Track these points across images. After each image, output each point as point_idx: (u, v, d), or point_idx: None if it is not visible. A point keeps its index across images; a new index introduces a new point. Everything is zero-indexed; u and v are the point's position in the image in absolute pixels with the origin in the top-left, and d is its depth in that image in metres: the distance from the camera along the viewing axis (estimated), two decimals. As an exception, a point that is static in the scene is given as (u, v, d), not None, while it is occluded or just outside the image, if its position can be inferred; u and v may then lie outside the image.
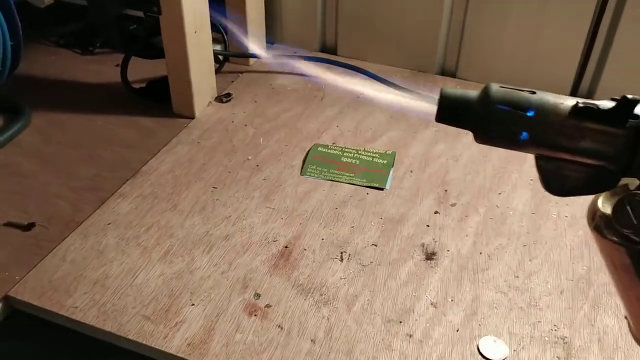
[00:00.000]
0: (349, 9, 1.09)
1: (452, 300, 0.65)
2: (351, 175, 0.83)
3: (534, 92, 0.38)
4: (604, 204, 0.41)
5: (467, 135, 0.95)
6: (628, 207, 0.38)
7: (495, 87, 0.38)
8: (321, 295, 0.65)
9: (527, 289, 0.66)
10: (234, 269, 0.68)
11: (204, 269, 0.68)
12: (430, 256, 0.71)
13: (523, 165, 0.86)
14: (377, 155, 0.86)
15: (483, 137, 0.39)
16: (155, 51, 0.91)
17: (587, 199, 0.77)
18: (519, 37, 1.01)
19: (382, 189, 0.81)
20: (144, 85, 0.99)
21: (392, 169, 0.84)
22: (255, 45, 1.09)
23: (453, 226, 0.75)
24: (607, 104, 0.37)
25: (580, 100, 0.37)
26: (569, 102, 0.38)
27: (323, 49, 1.17)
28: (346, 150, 0.87)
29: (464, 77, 1.08)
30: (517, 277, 0.68)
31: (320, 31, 1.15)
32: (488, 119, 0.38)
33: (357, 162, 0.85)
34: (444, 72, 1.10)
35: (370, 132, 0.93)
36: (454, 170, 0.85)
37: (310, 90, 1.03)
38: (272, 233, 0.73)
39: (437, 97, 0.39)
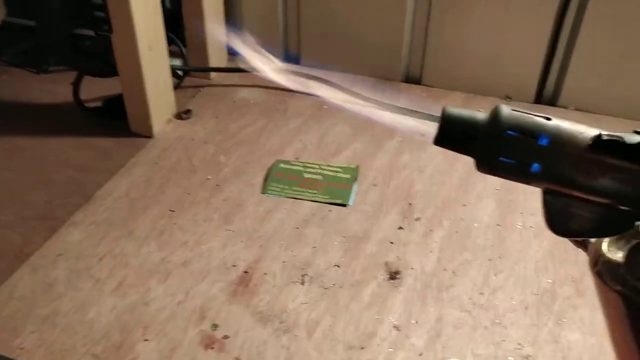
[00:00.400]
0: (311, 18, 1.07)
1: (415, 322, 0.63)
2: (314, 192, 0.81)
3: (549, 119, 0.33)
4: (610, 248, 0.37)
5: (432, 145, 0.94)
6: None
7: (506, 110, 0.33)
8: (281, 322, 0.63)
9: (492, 306, 0.65)
10: (191, 299, 0.66)
11: (159, 300, 0.65)
12: (393, 275, 0.69)
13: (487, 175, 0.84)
14: (340, 169, 0.85)
15: (488, 166, 0.33)
16: (109, 69, 0.88)
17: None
18: (482, 43, 1.00)
19: (345, 206, 0.79)
20: (100, 104, 0.96)
21: (355, 183, 0.82)
22: (215, 57, 1.07)
23: (417, 242, 0.73)
24: (634, 137, 0.32)
25: (604, 132, 0.32)
26: (590, 132, 0.33)
27: (286, 59, 1.15)
28: (309, 165, 0.85)
29: (429, 83, 1.07)
30: (482, 293, 0.66)
31: (282, 41, 1.13)
32: (496, 146, 0.33)
33: (320, 177, 0.83)
34: (408, 80, 1.09)
35: (334, 145, 0.91)
36: (419, 181, 0.83)
37: (273, 103, 1.01)
38: (231, 257, 0.71)
39: (436, 115, 0.34)
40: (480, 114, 0.34)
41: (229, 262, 0.70)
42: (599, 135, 0.32)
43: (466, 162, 0.91)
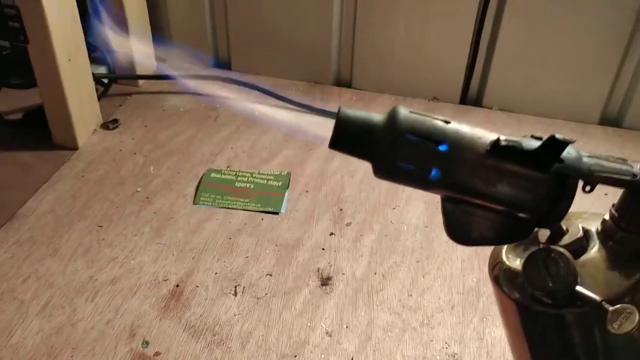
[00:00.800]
0: (240, 23, 1.07)
1: (347, 327, 0.64)
2: (246, 200, 0.81)
3: (448, 122, 0.31)
4: (508, 255, 0.37)
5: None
6: (543, 266, 0.33)
7: (403, 112, 0.31)
8: (214, 335, 0.63)
9: (420, 307, 0.67)
10: (120, 316, 0.65)
11: (87, 320, 0.64)
12: (325, 281, 0.70)
13: (416, 177, 0.87)
14: (272, 177, 0.85)
15: (385, 171, 0.31)
16: (28, 81, 0.85)
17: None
18: (407, 46, 1.02)
19: (277, 213, 0.79)
20: (20, 116, 0.92)
21: (287, 190, 0.83)
22: (141, 63, 1.04)
23: (348, 247, 0.75)
24: (531, 143, 0.31)
25: (502, 137, 0.31)
26: (489, 137, 0.32)
27: (217, 65, 1.14)
28: (240, 174, 0.85)
29: (359, 87, 1.09)
30: (411, 295, 0.69)
31: (212, 46, 1.12)
32: (393, 150, 0.31)
33: (252, 186, 0.83)
34: (339, 83, 1.10)
35: (265, 152, 0.91)
36: (350, 187, 0.85)
37: (204, 110, 1.00)
38: (162, 272, 0.70)
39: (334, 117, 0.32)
40: (378, 116, 0.31)
41: (160, 276, 0.70)
42: (497, 141, 0.31)
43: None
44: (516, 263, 0.36)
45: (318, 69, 1.08)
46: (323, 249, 0.74)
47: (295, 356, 0.61)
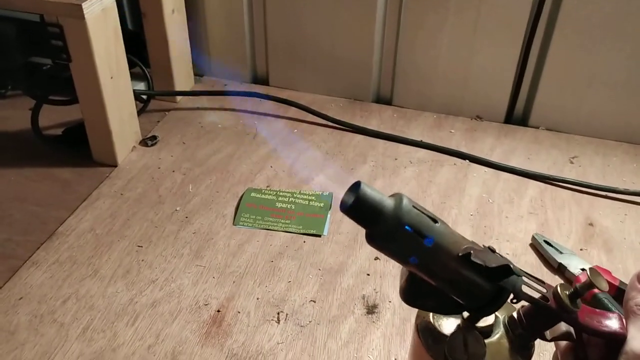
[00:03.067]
0: (278, 38, 1.06)
1: (395, 359, 0.62)
2: (287, 222, 0.79)
3: (436, 221, 0.39)
4: (434, 315, 0.47)
5: (406, 170, 0.93)
6: (462, 342, 0.43)
7: (408, 207, 0.38)
8: (257, 365, 0.61)
9: (472, 339, 0.64)
10: (161, 342, 0.63)
11: (127, 345, 0.62)
12: (371, 310, 0.67)
13: (462, 199, 0.84)
14: (313, 197, 0.83)
15: (377, 245, 0.39)
16: (69, 97, 0.84)
17: (527, 236, 0.74)
18: (451, 63, 0.99)
19: (319, 236, 0.77)
20: (60, 132, 0.92)
21: (329, 212, 0.81)
22: (181, 79, 1.04)
23: (394, 273, 0.72)
24: (493, 261, 0.40)
25: (473, 252, 0.39)
26: (464, 243, 0.40)
27: (254, 80, 1.13)
28: (281, 194, 0.83)
29: (400, 104, 1.06)
30: (462, 326, 0.65)
31: (250, 62, 1.11)
32: (393, 235, 0.38)
33: (293, 206, 0.81)
34: (380, 100, 1.08)
35: (306, 171, 0.89)
36: (393, 208, 0.82)
37: (242, 127, 0.99)
38: (203, 295, 0.68)
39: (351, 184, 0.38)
40: (388, 200, 0.38)
41: (200, 300, 0.68)
42: (469, 254, 0.39)
43: (440, 187, 0.90)
44: (438, 323, 0.47)
45: (358, 86, 1.06)
46: (368, 275, 0.71)
47: (342, 389, 0.59)
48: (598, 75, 0.94)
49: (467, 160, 0.92)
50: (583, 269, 0.70)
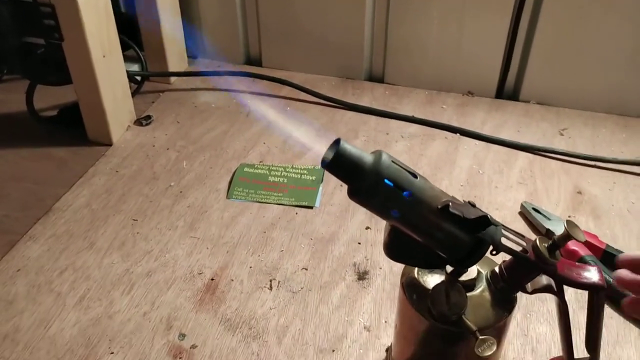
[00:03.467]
0: (270, 19, 1.07)
1: (385, 322, 0.63)
2: (279, 195, 0.80)
3: (415, 176, 0.41)
4: (419, 272, 0.50)
5: (397, 144, 0.94)
6: (444, 294, 0.45)
7: (387, 162, 0.40)
8: (250, 329, 0.62)
9: (461, 302, 0.65)
10: (156, 309, 0.64)
11: (123, 312, 0.64)
12: (362, 276, 0.68)
13: (453, 171, 0.85)
14: (305, 171, 0.84)
15: (360, 199, 0.40)
16: (63, 78, 0.85)
17: (516, 205, 0.76)
18: (442, 39, 1.00)
19: (311, 208, 0.78)
20: (55, 113, 0.93)
21: (321, 185, 0.82)
22: (175, 61, 1.05)
23: (385, 241, 0.73)
24: (472, 213, 0.42)
25: (452, 204, 0.41)
26: (442, 197, 0.42)
27: (248, 61, 1.14)
28: (273, 168, 0.85)
29: (392, 82, 1.07)
30: (451, 290, 0.66)
31: (243, 43, 1.12)
32: (374, 188, 0.39)
33: (285, 180, 0.82)
34: (372, 78, 1.09)
35: (298, 147, 0.90)
36: (385, 181, 0.83)
37: (235, 106, 1.00)
38: (197, 265, 0.70)
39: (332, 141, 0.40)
40: (368, 156, 0.40)
41: (194, 269, 0.69)
42: (447, 205, 0.41)
43: (430, 160, 0.92)
44: (422, 279, 0.49)
45: (350, 64, 1.07)
46: (359, 243, 0.73)
47: (334, 350, 0.60)
48: (587, 48, 0.94)
49: (458, 134, 0.93)
50: (570, 234, 0.71)
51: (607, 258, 0.69)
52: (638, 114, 0.97)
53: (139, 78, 1.01)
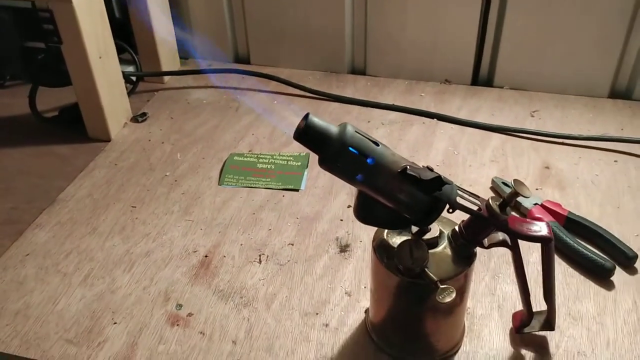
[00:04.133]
0: (256, 17, 1.13)
1: (365, 287, 0.69)
2: (267, 180, 0.86)
3: (377, 144, 0.47)
4: (388, 234, 0.55)
5: (377, 130, 0.99)
6: (408, 250, 0.51)
7: (351, 132, 0.46)
8: (241, 298, 0.68)
9: (434, 267, 0.71)
10: (155, 284, 0.70)
11: (125, 288, 0.69)
12: (344, 248, 0.74)
13: (429, 153, 0.91)
14: (291, 158, 0.90)
15: (327, 166, 0.46)
16: (63, 79, 0.91)
17: (488, 181, 0.82)
18: (418, 31, 1.06)
19: (297, 190, 0.84)
20: (56, 113, 0.99)
21: (306, 170, 0.88)
22: (168, 61, 1.11)
23: (365, 217, 0.79)
24: (428, 175, 0.47)
25: (410, 167, 0.47)
26: (401, 162, 0.48)
27: (237, 59, 1.20)
28: (261, 156, 0.90)
29: (373, 73, 1.13)
30: (425, 258, 0.72)
31: (231, 42, 1.18)
32: (338, 155, 0.45)
33: (273, 166, 0.88)
34: (354, 71, 1.15)
35: (285, 137, 0.96)
36: (366, 164, 0.89)
37: (225, 102, 1.06)
38: (192, 244, 0.75)
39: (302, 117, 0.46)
40: (334, 128, 0.46)
41: (189, 248, 0.75)
42: (405, 168, 0.47)
43: (409, 143, 0.97)
44: (392, 241, 0.54)
45: (333, 58, 1.13)
46: (341, 220, 0.78)
47: (317, 314, 0.66)
48: (555, 34, 1.00)
49: (435, 119, 0.99)
50: (535, 204, 0.77)
51: (570, 224, 0.74)
52: (605, 95, 1.03)
53: (134, 78, 1.07)
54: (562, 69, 1.03)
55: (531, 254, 0.71)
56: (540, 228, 0.54)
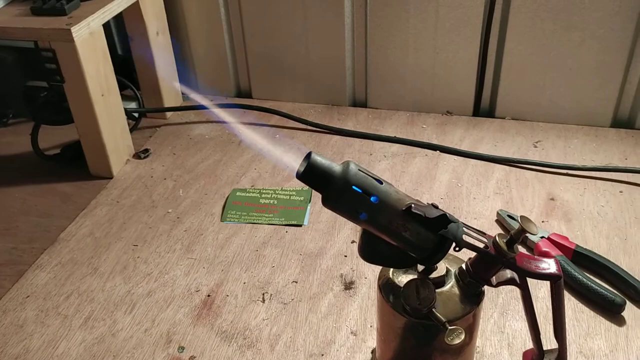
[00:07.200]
0: (257, 52, 1.13)
1: (371, 327, 0.67)
2: (270, 215, 0.85)
3: (381, 182, 0.46)
4: (394, 273, 0.54)
5: (380, 163, 0.99)
6: (415, 290, 0.50)
7: (354, 170, 0.45)
8: (244, 339, 0.67)
9: (441, 304, 0.69)
10: (157, 325, 0.69)
11: (126, 330, 0.68)
12: (348, 286, 0.73)
13: (433, 185, 0.90)
14: (294, 192, 0.89)
15: (332, 205, 0.46)
16: (65, 117, 0.92)
17: (493, 214, 0.80)
18: (418, 63, 1.07)
19: (300, 226, 0.83)
20: (58, 151, 0.99)
21: (309, 204, 0.87)
22: (170, 97, 1.11)
23: (370, 253, 0.78)
24: (433, 212, 0.47)
25: (414, 205, 0.46)
26: (406, 200, 0.47)
27: (239, 94, 1.20)
28: (264, 191, 0.90)
29: (374, 106, 1.13)
30: (432, 294, 0.71)
31: (233, 77, 1.18)
32: (342, 195, 0.45)
33: (275, 202, 0.88)
34: (355, 104, 1.15)
35: (287, 171, 0.95)
36: (369, 198, 0.88)
37: (228, 136, 1.06)
38: (194, 283, 0.74)
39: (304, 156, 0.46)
40: (337, 166, 0.45)
41: (192, 288, 0.74)
42: (410, 207, 0.46)
43: (412, 176, 0.97)
44: (398, 280, 0.53)
45: (335, 92, 1.13)
46: (345, 256, 0.77)
47: (323, 355, 0.64)
48: (553, 64, 1.00)
49: (438, 151, 0.98)
50: (542, 237, 0.76)
51: (578, 257, 0.73)
52: (607, 124, 1.03)
53: (136, 115, 1.07)
54: (563, 98, 1.03)
55: (539, 289, 0.69)
56: (549, 265, 0.53)
